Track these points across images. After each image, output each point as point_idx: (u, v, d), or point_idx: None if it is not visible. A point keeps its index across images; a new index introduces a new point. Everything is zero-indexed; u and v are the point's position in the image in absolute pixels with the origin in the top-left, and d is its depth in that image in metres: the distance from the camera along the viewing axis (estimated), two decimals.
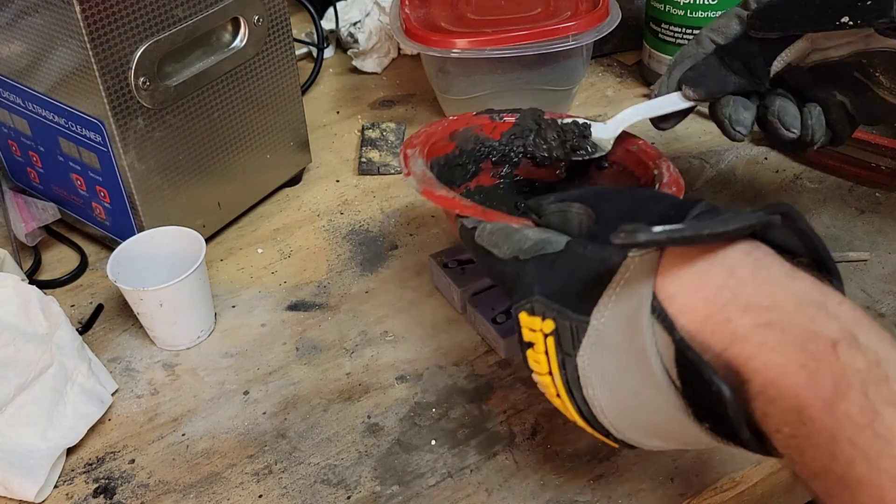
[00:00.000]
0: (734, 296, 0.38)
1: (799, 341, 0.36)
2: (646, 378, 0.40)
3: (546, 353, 0.44)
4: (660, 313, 0.39)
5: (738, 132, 0.61)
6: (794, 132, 0.61)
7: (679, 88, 0.63)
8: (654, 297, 0.40)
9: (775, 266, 0.39)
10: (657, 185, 0.60)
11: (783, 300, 0.38)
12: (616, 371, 0.42)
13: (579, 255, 0.44)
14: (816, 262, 0.41)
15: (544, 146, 0.67)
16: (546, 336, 0.44)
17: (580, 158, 0.66)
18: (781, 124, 0.61)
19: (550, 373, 0.44)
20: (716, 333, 0.38)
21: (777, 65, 0.60)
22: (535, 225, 0.50)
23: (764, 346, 0.37)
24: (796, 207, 0.40)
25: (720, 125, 0.62)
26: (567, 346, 0.43)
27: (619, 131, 0.67)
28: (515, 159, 0.68)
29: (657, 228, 0.38)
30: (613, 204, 0.47)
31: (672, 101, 0.64)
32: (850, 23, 0.55)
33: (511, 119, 0.68)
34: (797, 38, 0.59)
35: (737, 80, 0.61)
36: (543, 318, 0.44)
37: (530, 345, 0.45)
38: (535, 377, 0.46)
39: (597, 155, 0.66)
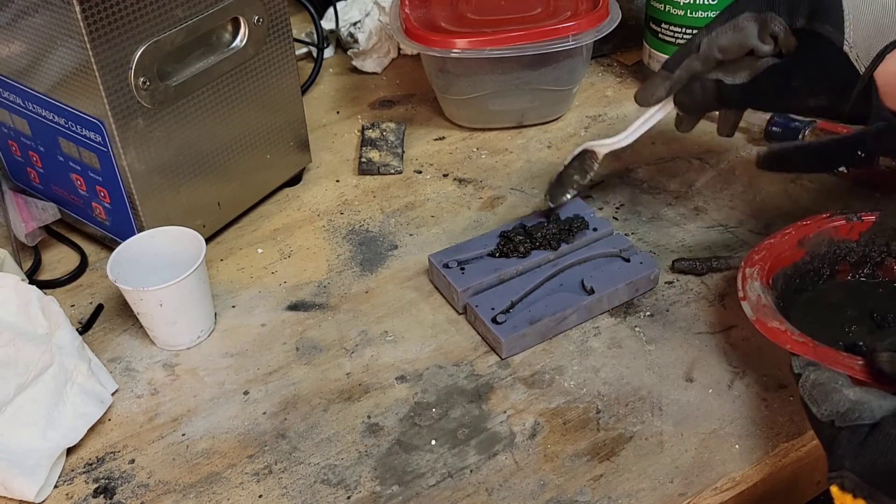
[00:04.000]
0: None
1: None
2: None
3: None
4: None
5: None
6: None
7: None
8: None
9: None
10: None
11: None
12: None
13: (892, 438, 0.43)
14: None
15: None
16: None
17: None
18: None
19: None
20: None
21: None
22: (867, 366, 0.50)
23: None
24: None
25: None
26: None
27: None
28: (878, 259, 0.65)
29: None
30: None
31: (661, 111, 0.71)
32: (845, 170, 0.68)
33: (871, 218, 0.65)
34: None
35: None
36: (854, 496, 0.44)
37: None
38: None
39: None
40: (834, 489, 0.45)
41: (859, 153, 0.63)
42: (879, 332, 0.61)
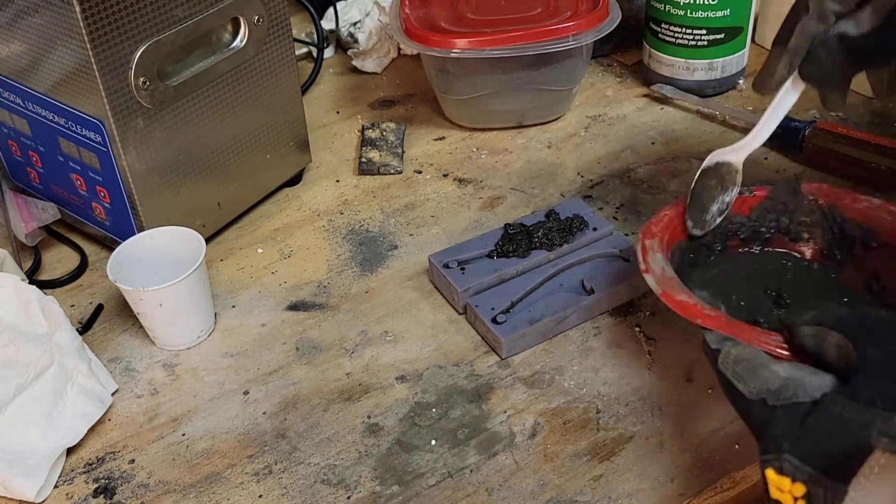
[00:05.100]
0: None
1: None
2: None
3: None
4: None
5: None
6: None
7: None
8: None
9: None
10: None
11: None
12: None
13: (836, 416, 0.41)
14: None
15: (802, 222, 0.62)
16: (796, 500, 0.41)
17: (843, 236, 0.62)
18: None
19: None
20: None
21: None
22: (786, 342, 0.48)
23: None
24: None
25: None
26: None
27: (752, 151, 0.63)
28: (767, 235, 0.64)
29: None
30: (881, 350, 0.43)
31: (789, 94, 0.60)
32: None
33: (762, 193, 0.64)
34: None
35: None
36: (794, 480, 0.41)
37: (777, 503, 0.42)
38: None
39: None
40: (770, 473, 0.42)
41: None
42: (777, 308, 0.59)
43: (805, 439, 0.41)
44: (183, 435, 0.60)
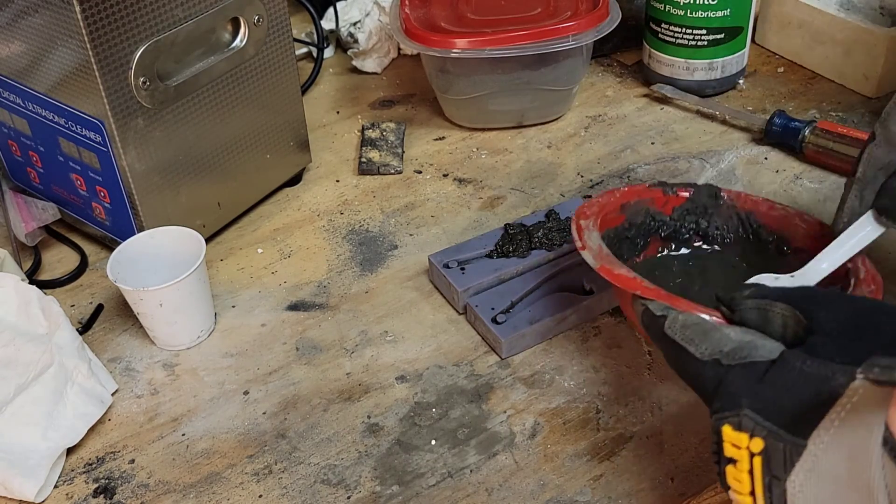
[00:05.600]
0: None
1: None
2: None
3: (751, 472, 0.41)
4: (893, 447, 0.35)
5: None
6: None
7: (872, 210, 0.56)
8: (887, 429, 0.36)
9: None
10: (852, 282, 0.56)
11: None
12: (832, 502, 0.38)
13: (797, 371, 0.40)
14: None
15: (720, 226, 0.64)
16: (753, 455, 0.41)
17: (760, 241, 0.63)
18: None
19: (752, 493, 0.41)
20: None
21: None
22: (726, 319, 0.47)
23: None
24: None
25: None
26: (777, 468, 0.40)
27: (818, 280, 0.58)
28: (686, 236, 0.65)
29: None
30: (831, 312, 0.43)
31: (865, 231, 0.57)
32: None
33: (685, 194, 0.65)
34: None
35: None
36: (752, 436, 0.40)
37: (731, 461, 0.42)
38: (732, 495, 0.42)
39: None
40: (727, 429, 0.41)
41: None
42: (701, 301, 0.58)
43: (764, 395, 0.41)
44: (183, 435, 0.60)
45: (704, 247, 0.66)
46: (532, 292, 0.67)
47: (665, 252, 0.66)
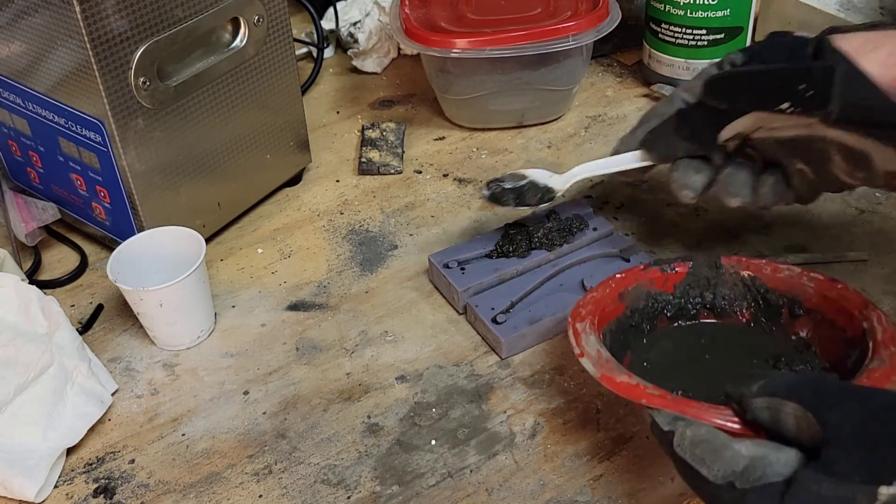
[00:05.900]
0: None
1: None
2: None
3: None
4: None
5: (685, 194, 0.65)
6: (737, 200, 0.63)
7: (640, 147, 0.67)
8: None
9: None
10: (870, 343, 0.54)
11: None
12: None
13: (814, 495, 0.39)
14: None
15: (726, 295, 0.62)
16: None
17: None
18: (727, 192, 0.63)
19: None
20: None
21: (725, 133, 0.62)
22: (737, 415, 0.46)
23: None
24: None
25: (669, 186, 0.66)
26: None
27: (569, 184, 0.70)
28: (693, 311, 0.63)
29: None
30: (845, 416, 0.41)
31: (630, 160, 0.68)
32: (790, 109, 0.57)
33: (683, 269, 0.63)
34: (745, 112, 0.61)
35: (686, 145, 0.65)
36: None
37: None
38: None
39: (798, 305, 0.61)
40: None
41: (804, 89, 0.56)
42: (713, 382, 0.56)
43: None
44: (183, 435, 0.60)
45: (714, 321, 0.64)
46: (532, 292, 0.67)
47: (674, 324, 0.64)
